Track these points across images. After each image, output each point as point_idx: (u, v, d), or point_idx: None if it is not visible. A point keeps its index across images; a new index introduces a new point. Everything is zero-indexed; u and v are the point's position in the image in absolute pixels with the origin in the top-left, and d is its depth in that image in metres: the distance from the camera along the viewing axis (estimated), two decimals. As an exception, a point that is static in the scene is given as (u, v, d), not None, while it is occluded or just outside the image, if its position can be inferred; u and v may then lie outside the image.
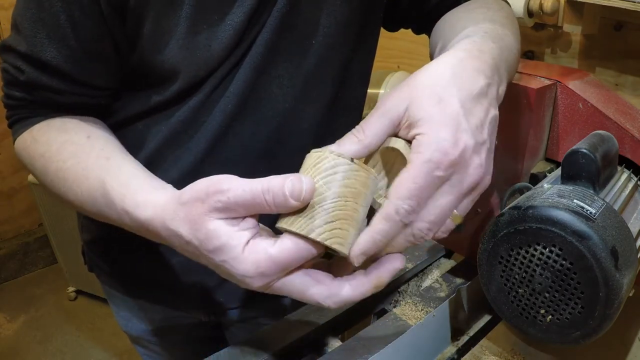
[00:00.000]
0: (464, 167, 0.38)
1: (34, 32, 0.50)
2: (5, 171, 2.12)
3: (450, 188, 0.38)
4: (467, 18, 0.55)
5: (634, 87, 1.07)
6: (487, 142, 0.40)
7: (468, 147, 0.38)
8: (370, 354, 0.49)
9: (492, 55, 0.45)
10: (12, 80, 0.53)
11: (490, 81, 0.42)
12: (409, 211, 0.37)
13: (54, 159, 0.52)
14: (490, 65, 0.43)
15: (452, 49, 0.45)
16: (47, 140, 0.53)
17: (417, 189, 0.37)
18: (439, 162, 0.37)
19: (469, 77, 0.41)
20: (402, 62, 1.50)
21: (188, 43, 0.52)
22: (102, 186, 0.48)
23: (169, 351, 0.85)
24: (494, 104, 0.42)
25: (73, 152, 0.52)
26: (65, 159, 0.51)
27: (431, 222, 0.38)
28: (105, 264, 0.74)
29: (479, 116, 0.40)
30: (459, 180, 0.38)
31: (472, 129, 0.38)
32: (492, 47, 0.46)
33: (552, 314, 0.43)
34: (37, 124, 0.55)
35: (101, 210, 0.49)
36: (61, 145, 0.52)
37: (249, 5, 0.52)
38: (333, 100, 0.62)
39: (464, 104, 0.39)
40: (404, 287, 0.64)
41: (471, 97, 0.40)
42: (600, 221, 0.40)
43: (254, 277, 0.38)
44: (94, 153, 0.51)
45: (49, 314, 2.05)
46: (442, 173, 0.37)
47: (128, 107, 0.59)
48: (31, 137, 0.55)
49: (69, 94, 0.54)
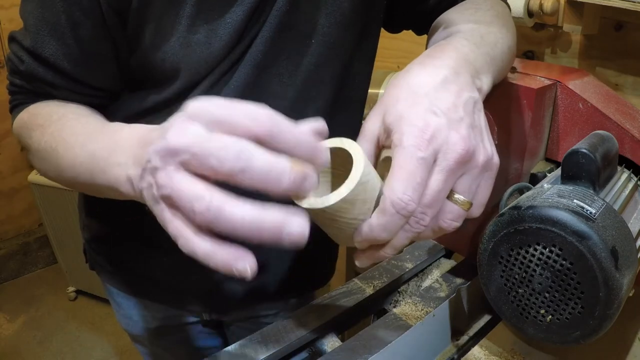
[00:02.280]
0: (443, 143, 0.38)
1: (37, 29, 0.52)
2: (5, 171, 2.12)
3: (438, 167, 0.38)
4: (456, 19, 0.57)
5: (634, 87, 1.07)
6: (466, 119, 0.40)
7: (440, 124, 0.38)
8: (370, 354, 0.49)
9: (459, 51, 0.46)
10: (14, 69, 0.55)
11: (455, 71, 0.43)
12: (406, 201, 0.36)
13: (53, 124, 0.52)
14: (455, 58, 0.44)
15: (419, 57, 0.46)
16: (48, 112, 0.54)
17: (407, 175, 0.36)
18: (417, 145, 0.37)
19: (430, 73, 0.42)
20: (402, 62, 1.50)
21: (188, 41, 0.52)
22: (101, 125, 0.48)
23: (169, 350, 0.85)
24: (468, 88, 0.42)
25: (74, 117, 0.52)
26: (65, 122, 0.52)
27: (425, 206, 0.38)
28: (106, 262, 0.74)
29: (448, 99, 0.40)
30: (444, 157, 0.38)
31: (442, 110, 0.39)
32: (463, 44, 0.48)
33: (552, 314, 0.43)
34: (34, 104, 0.56)
35: (92, 139, 0.45)
36: (63, 115, 0.53)
37: (249, 3, 0.52)
38: (333, 99, 0.62)
39: (427, 94, 0.40)
40: (404, 287, 0.64)
41: (435, 86, 0.41)
42: (600, 221, 0.40)
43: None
44: (94, 118, 0.52)
45: (49, 314, 2.05)
46: (423, 154, 0.37)
47: (127, 106, 0.60)
48: (28, 113, 0.56)
49: (65, 89, 0.55)
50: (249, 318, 0.79)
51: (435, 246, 0.70)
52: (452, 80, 0.42)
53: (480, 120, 0.42)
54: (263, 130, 0.32)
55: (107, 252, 0.73)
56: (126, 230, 0.68)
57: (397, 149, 0.38)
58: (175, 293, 0.71)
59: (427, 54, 0.46)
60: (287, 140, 0.33)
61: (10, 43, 0.56)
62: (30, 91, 0.56)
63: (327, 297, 0.61)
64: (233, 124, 0.32)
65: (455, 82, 0.42)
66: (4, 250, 2.20)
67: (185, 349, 0.86)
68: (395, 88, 0.43)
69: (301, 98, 0.59)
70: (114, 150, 0.41)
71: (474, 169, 0.39)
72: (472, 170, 0.39)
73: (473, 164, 0.39)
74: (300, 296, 0.78)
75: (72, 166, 0.47)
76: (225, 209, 0.31)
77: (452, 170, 0.38)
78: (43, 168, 0.54)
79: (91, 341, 1.92)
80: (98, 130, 0.47)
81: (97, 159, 0.43)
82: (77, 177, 0.47)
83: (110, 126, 0.47)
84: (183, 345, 0.85)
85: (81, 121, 0.51)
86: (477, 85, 0.44)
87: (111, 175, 0.41)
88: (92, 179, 0.44)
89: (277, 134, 0.33)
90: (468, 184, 0.40)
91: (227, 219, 0.31)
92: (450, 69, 0.43)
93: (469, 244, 0.65)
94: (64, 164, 0.49)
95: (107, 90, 0.58)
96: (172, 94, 0.56)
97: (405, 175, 0.36)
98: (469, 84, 0.43)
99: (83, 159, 0.45)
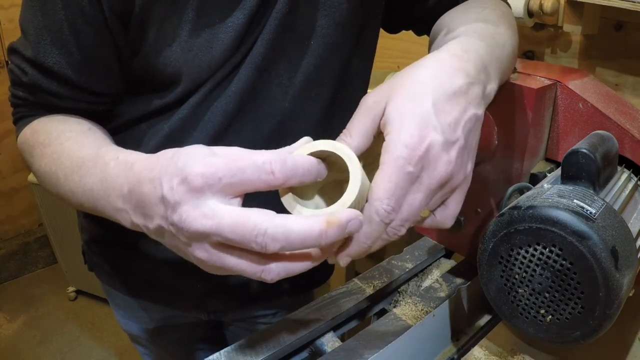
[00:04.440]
0: (432, 163, 0.38)
1: (38, 38, 0.51)
2: (5, 171, 2.12)
3: (419, 185, 0.38)
4: (461, 19, 0.56)
5: (634, 87, 1.07)
6: (461, 140, 0.40)
7: (435, 143, 0.38)
8: (370, 354, 0.49)
9: (478, 54, 0.45)
10: (17, 81, 0.55)
11: (472, 80, 0.42)
12: (389, 211, 0.37)
13: (52, 143, 0.52)
14: (475, 63, 0.43)
15: (437, 51, 0.45)
16: (48, 129, 0.54)
17: (393, 188, 0.37)
18: (408, 158, 0.37)
19: (447, 77, 0.41)
20: (402, 62, 1.51)
21: (190, 46, 0.52)
22: (95, 151, 0.48)
23: (168, 350, 0.85)
24: (476, 103, 0.42)
25: (71, 137, 0.52)
26: (63, 141, 0.51)
27: (403, 220, 0.39)
28: (105, 264, 0.74)
29: (453, 115, 0.40)
30: (428, 177, 0.38)
31: (443, 126, 0.39)
32: (480, 45, 0.46)
33: (552, 314, 0.43)
34: (38, 119, 0.56)
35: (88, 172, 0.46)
36: (61, 133, 0.53)
37: (249, 7, 0.52)
38: (332, 100, 0.62)
39: (436, 102, 0.39)
40: (404, 287, 0.64)
41: (446, 96, 0.40)
42: (600, 221, 0.40)
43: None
44: (92, 137, 0.52)
45: (49, 314, 2.05)
46: (412, 169, 0.37)
47: (130, 110, 0.60)
48: (31, 129, 0.56)
49: (70, 99, 0.55)
50: (248, 318, 0.78)
51: (435, 246, 0.70)
52: (464, 92, 0.41)
53: (472, 141, 0.42)
54: (280, 182, 0.35)
55: (106, 253, 0.73)
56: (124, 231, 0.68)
57: (388, 155, 0.38)
58: (174, 294, 0.71)
59: (449, 49, 0.44)
60: (298, 175, 0.36)
61: (10, 55, 0.55)
62: (33, 103, 0.56)
63: (327, 297, 0.61)
64: (247, 183, 0.35)
65: (466, 95, 0.41)
66: (4, 250, 2.20)
67: (185, 349, 0.86)
68: (407, 78, 0.42)
69: (300, 99, 0.59)
70: (107, 190, 0.43)
71: (448, 188, 0.41)
72: (445, 190, 0.40)
73: (449, 185, 0.40)
74: (299, 295, 0.78)
75: (74, 194, 0.48)
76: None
77: (432, 190, 0.39)
78: (45, 187, 0.54)
79: (91, 341, 1.92)
80: (91, 160, 0.47)
81: (94, 194, 0.45)
82: (82, 205, 0.48)
83: (101, 156, 0.47)
84: (182, 345, 0.85)
85: (77, 142, 0.51)
86: (486, 93, 0.44)
87: (113, 215, 0.44)
88: (96, 211, 0.46)
89: (291, 177, 0.35)
90: (437, 199, 0.41)
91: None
92: (467, 76, 0.42)
93: (469, 244, 0.65)
94: (64, 190, 0.50)
95: (112, 96, 0.58)
96: (174, 98, 0.56)
97: (391, 186, 0.37)
98: (478, 97, 0.42)
99: (83, 190, 0.47)
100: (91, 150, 0.48)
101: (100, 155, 0.47)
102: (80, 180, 0.47)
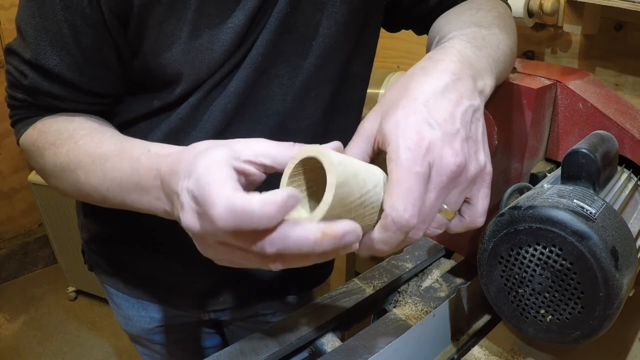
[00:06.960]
0: (437, 158, 0.38)
1: (37, 40, 0.50)
2: (5, 171, 2.12)
3: (431, 185, 0.38)
4: (455, 21, 0.56)
5: (634, 87, 1.07)
6: (462, 131, 0.40)
7: (435, 138, 0.38)
8: (370, 354, 0.49)
9: (460, 53, 0.45)
10: (16, 83, 0.54)
11: (458, 76, 0.42)
12: (407, 217, 0.37)
13: (65, 142, 0.51)
14: (457, 62, 0.44)
15: (420, 61, 0.46)
16: (57, 129, 0.53)
17: (406, 192, 0.37)
18: (413, 159, 0.37)
19: (433, 80, 0.42)
20: (402, 62, 1.50)
21: (190, 47, 0.52)
22: (118, 147, 0.48)
23: (168, 350, 0.85)
24: (468, 95, 0.42)
25: (85, 134, 0.52)
26: (77, 140, 0.51)
27: (420, 222, 0.38)
28: (104, 263, 0.74)
29: (446, 109, 0.40)
30: (437, 173, 0.38)
31: (439, 121, 0.39)
32: (465, 46, 0.47)
33: (552, 314, 0.43)
34: (41, 120, 0.55)
35: (114, 167, 0.46)
36: (73, 132, 0.52)
37: (250, 7, 0.52)
38: (332, 100, 0.62)
39: (426, 102, 0.40)
40: (404, 287, 0.64)
41: (435, 95, 0.40)
42: (600, 221, 0.40)
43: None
44: (108, 133, 0.52)
45: (49, 314, 2.05)
46: (419, 169, 0.37)
47: (129, 110, 0.59)
48: (37, 131, 0.55)
49: (70, 100, 0.55)
50: (248, 318, 0.78)
51: (435, 246, 0.70)
52: (453, 87, 0.41)
53: (476, 131, 0.42)
54: (275, 220, 0.34)
55: (105, 252, 0.73)
56: (124, 230, 0.68)
57: (393, 163, 0.38)
58: (174, 293, 0.71)
59: (430, 57, 0.46)
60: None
61: (8, 56, 0.54)
62: (33, 104, 0.55)
63: (327, 297, 0.61)
64: (254, 226, 0.33)
65: (455, 89, 0.41)
66: (4, 250, 2.20)
67: (185, 348, 0.86)
68: (396, 92, 0.42)
69: (300, 100, 0.59)
70: (139, 183, 0.44)
71: (464, 182, 0.40)
72: (462, 184, 0.40)
73: (463, 177, 0.40)
74: (299, 294, 0.78)
75: (96, 191, 0.49)
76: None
77: (445, 186, 0.39)
78: (59, 187, 0.54)
79: (91, 341, 1.92)
80: (116, 155, 0.47)
81: (124, 187, 0.46)
82: (106, 200, 0.49)
83: (126, 150, 0.47)
84: (182, 345, 0.85)
85: (94, 139, 0.51)
86: (479, 87, 0.44)
87: (145, 205, 0.44)
88: (125, 205, 0.47)
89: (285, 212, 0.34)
90: (455, 196, 0.40)
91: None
92: (452, 74, 0.42)
93: (469, 244, 0.65)
94: (86, 188, 0.50)
95: (112, 96, 0.58)
96: (173, 98, 0.56)
97: (404, 191, 0.37)
98: (470, 90, 0.42)
99: (109, 186, 0.47)
100: (113, 147, 0.48)
101: (126, 150, 0.47)
102: (105, 175, 0.47)
